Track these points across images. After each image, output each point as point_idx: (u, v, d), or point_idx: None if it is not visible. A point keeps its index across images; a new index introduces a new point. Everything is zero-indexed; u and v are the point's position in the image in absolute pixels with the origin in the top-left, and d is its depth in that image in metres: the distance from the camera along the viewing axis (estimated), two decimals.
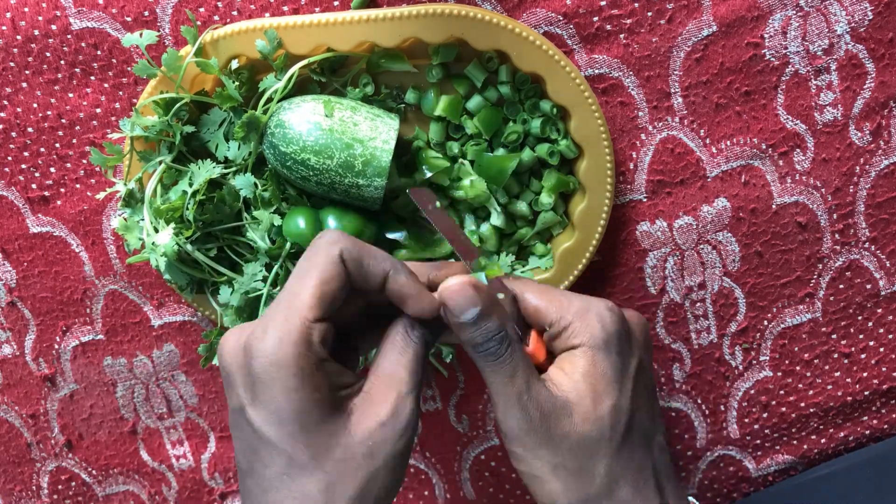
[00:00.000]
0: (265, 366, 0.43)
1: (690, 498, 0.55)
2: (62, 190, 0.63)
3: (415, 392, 0.45)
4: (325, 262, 0.44)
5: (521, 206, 0.60)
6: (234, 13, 0.59)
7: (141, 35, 0.56)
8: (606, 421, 0.46)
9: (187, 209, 0.56)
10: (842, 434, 0.69)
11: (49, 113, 0.62)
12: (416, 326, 0.46)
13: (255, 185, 0.57)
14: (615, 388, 0.46)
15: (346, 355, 0.49)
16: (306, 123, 0.55)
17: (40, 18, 0.60)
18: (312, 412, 0.43)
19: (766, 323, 0.66)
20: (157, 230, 0.56)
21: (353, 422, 0.44)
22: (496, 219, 0.60)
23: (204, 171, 0.56)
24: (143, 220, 0.58)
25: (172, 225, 0.56)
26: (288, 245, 0.57)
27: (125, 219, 0.58)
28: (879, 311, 0.67)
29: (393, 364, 0.46)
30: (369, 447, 0.44)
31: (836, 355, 0.67)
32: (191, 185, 0.56)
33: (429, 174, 0.59)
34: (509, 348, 0.46)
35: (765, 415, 0.68)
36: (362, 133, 0.55)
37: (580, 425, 0.46)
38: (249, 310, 0.59)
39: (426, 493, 0.70)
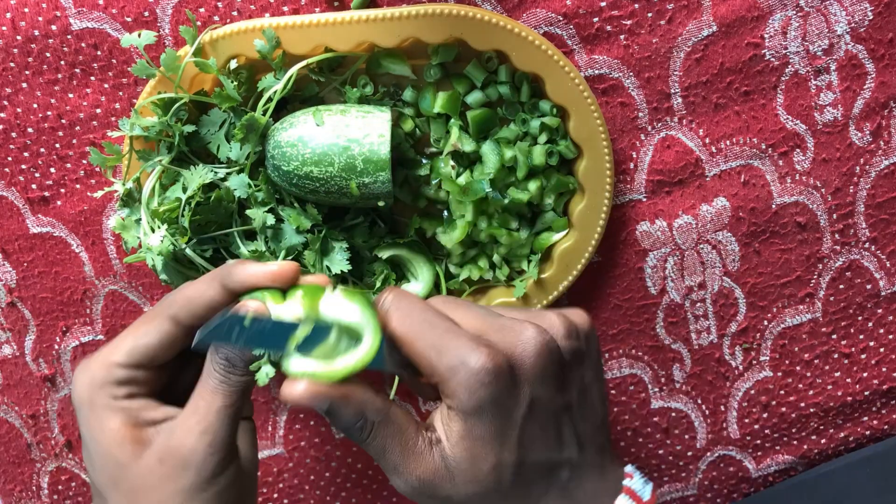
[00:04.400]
0: (73, 396, 0.49)
1: (629, 468, 0.52)
2: (62, 190, 0.63)
3: (205, 424, 0.46)
4: (150, 319, 0.49)
5: (520, 195, 0.59)
6: (234, 13, 0.59)
7: (139, 35, 0.56)
8: (490, 480, 0.45)
9: (182, 215, 0.56)
10: (842, 434, 0.69)
11: (49, 113, 0.62)
12: (219, 352, 0.47)
13: (249, 185, 0.57)
14: (496, 447, 0.45)
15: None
16: (300, 137, 0.55)
17: (40, 19, 0.60)
18: (102, 442, 0.47)
19: (766, 323, 0.66)
20: (153, 230, 0.56)
21: (144, 456, 0.47)
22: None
23: (197, 177, 0.56)
24: (140, 219, 0.58)
25: (165, 227, 0.56)
26: (284, 252, 0.57)
27: (122, 218, 0.58)
28: (879, 311, 0.67)
29: (195, 396, 0.48)
30: (150, 483, 0.46)
31: (836, 355, 0.67)
32: (185, 190, 0.56)
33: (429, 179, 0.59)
34: (371, 433, 0.45)
35: (765, 415, 0.68)
36: (356, 132, 0.55)
37: (462, 487, 0.45)
38: None
39: None
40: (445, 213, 0.61)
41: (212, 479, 0.47)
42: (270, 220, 0.57)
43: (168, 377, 0.51)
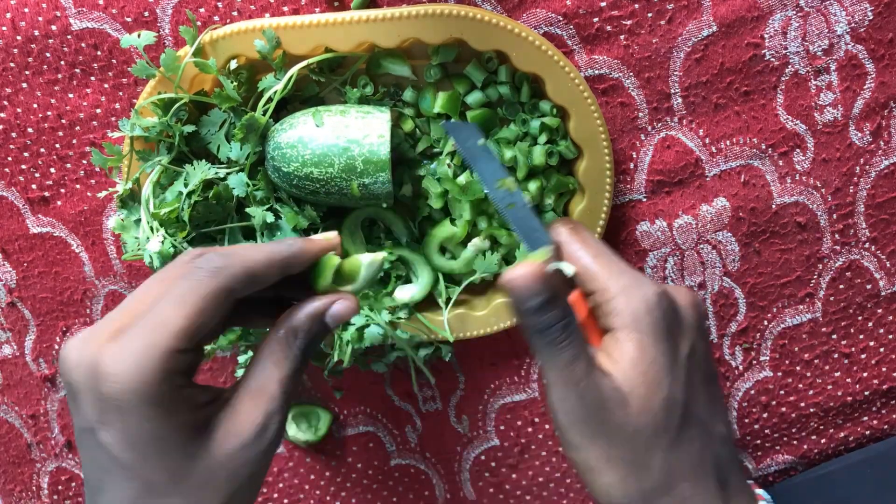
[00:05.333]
0: (119, 391, 0.39)
1: (760, 491, 0.53)
2: (62, 190, 0.63)
3: (284, 410, 0.43)
4: (205, 295, 0.41)
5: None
6: (235, 13, 0.59)
7: (139, 36, 0.56)
8: (660, 413, 0.44)
9: (183, 210, 0.56)
10: (842, 434, 0.69)
11: (49, 113, 0.62)
12: (300, 336, 0.44)
13: (248, 184, 0.57)
14: (667, 378, 0.44)
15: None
16: (300, 139, 0.55)
17: (40, 19, 0.60)
18: (170, 437, 0.41)
19: (766, 323, 0.66)
20: (153, 230, 0.56)
21: (215, 441, 0.42)
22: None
23: (199, 172, 0.56)
24: (140, 220, 0.58)
25: (163, 231, 0.56)
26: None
27: (122, 219, 0.58)
28: (879, 311, 0.67)
29: (265, 377, 0.43)
30: (231, 469, 0.42)
31: (836, 355, 0.67)
32: (186, 185, 0.56)
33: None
34: (572, 335, 0.44)
35: (765, 415, 0.68)
36: (356, 133, 0.55)
37: (635, 417, 0.43)
38: None
39: (426, 493, 0.70)
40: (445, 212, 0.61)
41: (271, 453, 0.44)
42: (270, 217, 0.57)
43: None
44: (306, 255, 0.45)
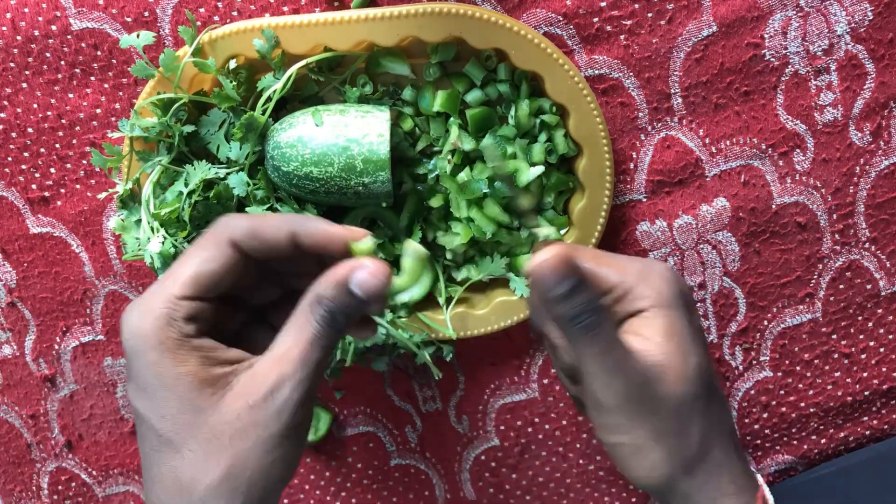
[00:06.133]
0: (128, 339, 0.42)
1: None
2: (62, 190, 0.63)
3: (302, 374, 0.42)
4: (208, 244, 0.43)
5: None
6: (234, 14, 0.59)
7: (138, 36, 0.56)
8: (696, 380, 0.45)
9: (183, 210, 0.56)
10: (842, 434, 0.69)
11: (49, 113, 0.62)
12: (322, 303, 0.43)
13: (248, 183, 0.57)
14: (696, 345, 0.46)
15: (259, 333, 0.48)
16: (300, 138, 0.55)
17: (40, 19, 0.60)
18: (176, 386, 0.42)
19: (766, 323, 0.66)
20: (154, 230, 0.56)
21: (225, 399, 0.42)
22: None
23: (199, 172, 0.56)
24: (140, 220, 0.58)
25: (163, 231, 0.56)
26: None
27: (122, 219, 0.58)
28: (879, 311, 0.67)
29: (287, 343, 0.43)
30: (237, 428, 0.42)
31: (836, 355, 0.67)
32: (186, 185, 0.56)
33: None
34: (605, 319, 0.44)
35: (765, 415, 0.68)
36: (355, 132, 0.55)
37: (674, 387, 0.45)
38: None
39: (426, 493, 0.70)
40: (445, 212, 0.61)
41: (298, 426, 0.43)
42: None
43: (219, 319, 0.47)
44: (318, 234, 0.44)
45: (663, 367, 0.45)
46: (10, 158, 0.63)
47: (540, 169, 0.58)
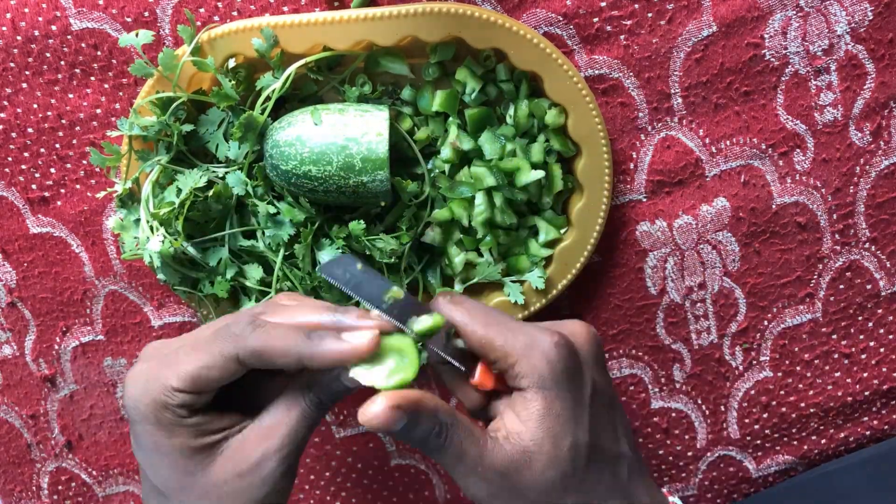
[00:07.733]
0: (129, 405, 0.47)
1: (673, 499, 0.56)
2: (62, 190, 0.63)
3: (286, 451, 0.46)
4: (215, 352, 0.45)
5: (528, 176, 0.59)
6: (234, 13, 0.59)
7: (137, 35, 0.56)
8: (567, 461, 0.45)
9: (176, 219, 0.56)
10: (842, 434, 0.69)
11: (49, 113, 0.62)
12: (313, 388, 0.47)
13: (247, 182, 0.57)
14: (572, 426, 0.46)
15: (246, 393, 0.50)
16: (299, 137, 0.55)
17: (40, 19, 0.60)
18: (170, 454, 0.46)
19: (766, 323, 0.66)
20: (153, 230, 0.56)
21: (216, 464, 0.46)
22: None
23: (190, 180, 0.56)
24: (139, 220, 0.58)
25: (162, 230, 0.56)
26: (283, 250, 0.57)
27: (121, 219, 0.58)
28: (879, 311, 0.67)
29: (276, 418, 0.47)
30: (225, 492, 0.46)
31: (836, 355, 0.67)
32: (178, 193, 0.56)
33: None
34: (448, 437, 0.45)
35: (765, 415, 0.68)
36: (354, 131, 0.55)
37: (543, 472, 0.45)
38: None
39: (426, 493, 0.70)
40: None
41: (281, 490, 0.47)
42: (271, 209, 0.57)
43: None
44: (327, 361, 0.45)
45: (531, 454, 0.45)
46: (10, 158, 0.63)
47: (540, 173, 0.58)
